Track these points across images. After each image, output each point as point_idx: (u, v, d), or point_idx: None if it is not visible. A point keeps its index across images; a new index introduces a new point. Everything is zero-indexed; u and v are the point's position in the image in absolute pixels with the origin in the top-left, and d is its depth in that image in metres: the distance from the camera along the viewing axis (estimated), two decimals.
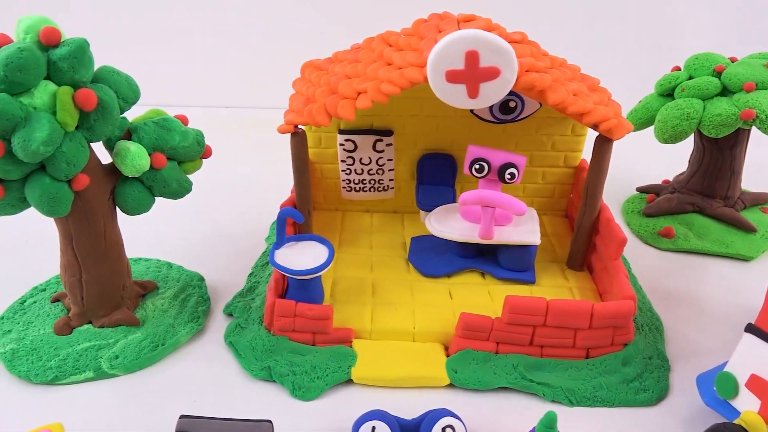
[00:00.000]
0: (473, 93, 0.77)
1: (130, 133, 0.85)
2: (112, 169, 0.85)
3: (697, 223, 1.14)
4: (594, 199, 0.93)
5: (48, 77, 0.74)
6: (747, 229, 1.12)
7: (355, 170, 1.07)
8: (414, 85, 0.80)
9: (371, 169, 1.07)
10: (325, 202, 1.13)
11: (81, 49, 0.74)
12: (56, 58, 0.73)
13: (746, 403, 0.71)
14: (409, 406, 0.79)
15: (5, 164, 0.73)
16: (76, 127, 0.76)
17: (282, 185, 1.31)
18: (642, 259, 1.10)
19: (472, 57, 0.74)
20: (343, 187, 1.10)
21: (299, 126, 0.89)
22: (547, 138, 1.04)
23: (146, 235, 1.11)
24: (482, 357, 0.84)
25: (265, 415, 0.74)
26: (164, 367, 0.87)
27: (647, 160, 1.45)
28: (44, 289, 0.98)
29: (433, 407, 0.75)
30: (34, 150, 0.71)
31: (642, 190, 1.28)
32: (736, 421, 0.70)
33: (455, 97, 0.77)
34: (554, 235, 1.07)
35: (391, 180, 1.09)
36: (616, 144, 0.88)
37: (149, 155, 0.83)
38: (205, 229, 1.18)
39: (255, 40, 1.75)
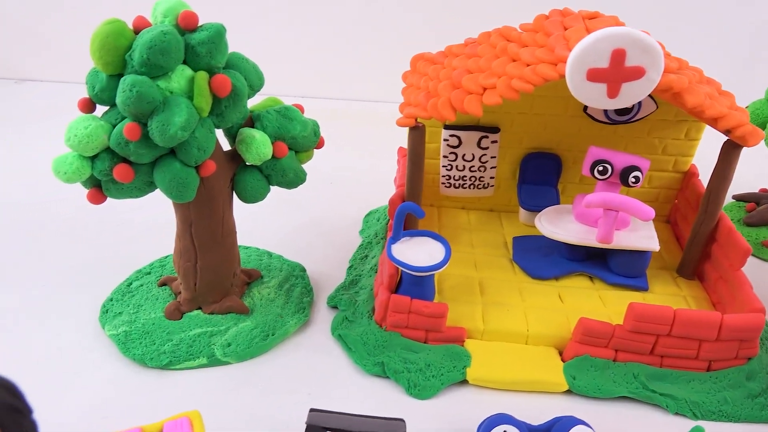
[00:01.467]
0: (613, 93, 0.75)
1: (252, 120, 0.84)
2: (233, 157, 0.84)
3: None
4: (715, 206, 0.90)
5: (184, 62, 0.74)
6: None
7: (457, 166, 1.06)
8: (546, 83, 0.78)
9: (473, 166, 1.05)
10: (421, 197, 1.12)
11: (219, 35, 0.73)
12: (194, 43, 0.72)
13: None
14: (528, 410, 0.78)
15: (139, 148, 0.73)
16: (208, 114, 0.76)
17: (371, 179, 1.31)
18: (745, 271, 1.06)
19: (618, 55, 0.72)
20: (442, 183, 1.08)
21: (419, 120, 0.87)
22: (659, 141, 1.01)
23: (242, 223, 1.11)
24: (601, 364, 0.82)
25: (380, 412, 0.73)
26: (274, 356, 0.86)
27: (742, 168, 1.41)
28: (149, 273, 0.98)
29: (553, 413, 0.74)
30: (172, 134, 0.70)
31: (740, 198, 1.25)
32: None
33: (593, 96, 0.75)
34: (660, 242, 1.04)
35: (492, 178, 1.07)
36: (709, 151, 0.85)
37: (271, 144, 0.83)
38: (299, 220, 1.18)
39: (350, 34, 1.73)
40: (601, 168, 0.86)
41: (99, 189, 0.79)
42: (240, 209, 0.91)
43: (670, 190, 1.07)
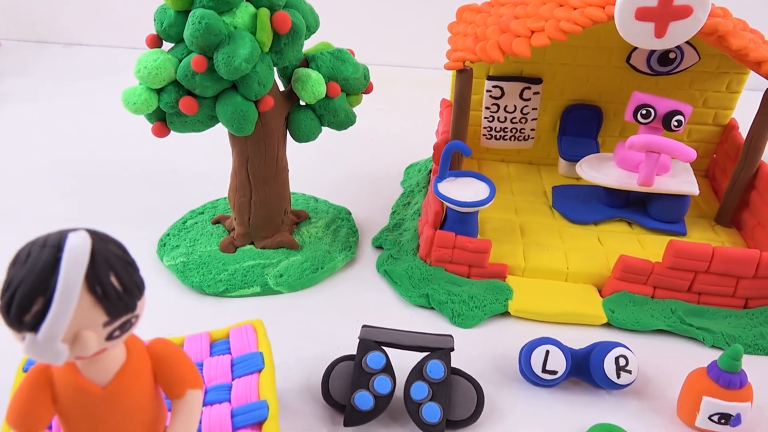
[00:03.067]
0: (661, 32, 0.77)
1: (307, 62, 0.88)
2: (288, 96, 0.88)
3: None
4: (756, 152, 0.91)
5: None
6: None
7: (498, 118, 1.09)
8: (595, 24, 0.81)
9: (514, 118, 1.08)
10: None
11: None
12: None
13: None
14: (568, 341, 0.80)
15: (204, 80, 0.77)
16: (267, 50, 0.80)
17: (411, 137, 1.35)
18: None
19: None
20: (483, 135, 1.11)
21: (466, 64, 0.90)
22: (700, 93, 1.03)
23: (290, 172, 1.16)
24: (639, 300, 0.85)
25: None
26: (323, 289, 0.91)
27: None
28: (202, 212, 1.03)
29: (592, 342, 0.77)
30: (237, 66, 0.74)
31: None
32: None
33: (641, 35, 0.77)
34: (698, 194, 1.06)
35: (532, 130, 1.10)
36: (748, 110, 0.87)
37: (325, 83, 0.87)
38: (343, 172, 1.22)
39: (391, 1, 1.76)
40: (644, 112, 0.89)
41: (163, 122, 0.83)
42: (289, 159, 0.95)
43: (710, 144, 1.08)
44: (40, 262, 0.38)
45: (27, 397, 0.43)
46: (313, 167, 1.21)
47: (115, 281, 0.39)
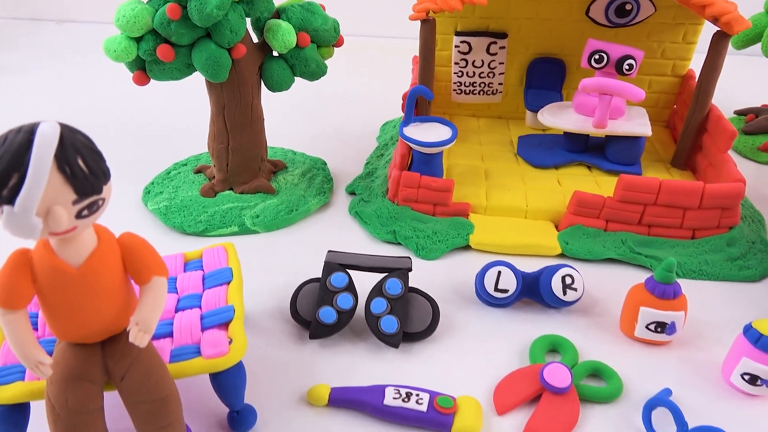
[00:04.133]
0: None
1: (278, 14, 0.93)
2: (261, 47, 0.93)
3: None
4: (706, 95, 0.97)
5: None
6: None
7: (467, 73, 1.14)
8: None
9: (482, 72, 1.13)
10: (434, 105, 1.20)
11: None
12: None
13: None
14: (525, 269, 0.86)
15: (179, 28, 0.83)
16: (238, 1, 0.85)
17: (387, 98, 1.40)
18: (741, 171, 1.13)
19: None
20: (454, 90, 1.16)
21: (430, 14, 0.96)
22: (658, 45, 1.08)
23: (270, 128, 1.22)
24: (592, 232, 0.90)
25: None
26: (297, 229, 0.96)
27: (745, 88, 1.46)
28: (185, 164, 1.09)
29: None
30: (208, 12, 0.80)
31: (740, 112, 1.30)
32: None
33: None
34: (657, 141, 1.11)
35: (500, 84, 1.15)
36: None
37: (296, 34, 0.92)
38: (321, 128, 1.28)
39: None
40: (597, 57, 0.94)
41: (143, 71, 0.89)
42: (267, 115, 1.01)
43: (669, 94, 1.13)
44: (15, 143, 0.43)
45: (10, 276, 0.49)
46: (294, 125, 1.27)
47: (82, 164, 0.45)
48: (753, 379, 0.67)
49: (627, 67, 0.93)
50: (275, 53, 0.95)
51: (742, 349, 0.67)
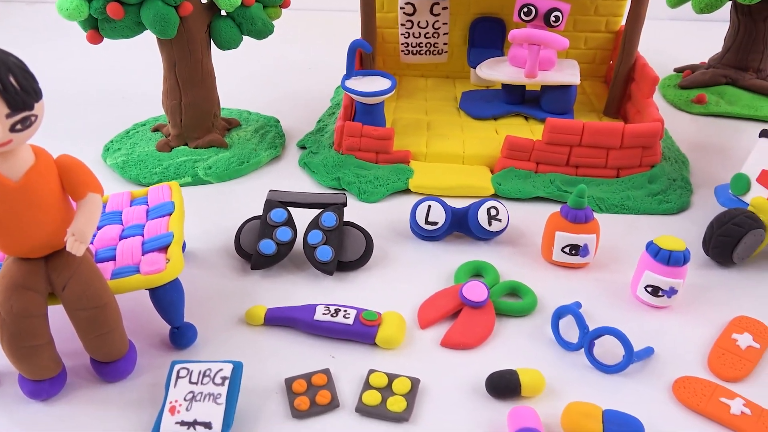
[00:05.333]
0: None
1: None
2: (209, 7, 0.98)
3: (729, 93, 1.23)
4: (631, 45, 1.03)
5: None
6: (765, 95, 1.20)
7: (413, 33, 1.19)
8: None
9: (428, 33, 1.19)
10: (384, 67, 1.25)
11: None
12: None
13: (759, 194, 0.81)
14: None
15: None
16: None
17: (341, 66, 1.45)
18: (675, 123, 1.19)
19: None
20: (402, 51, 1.21)
21: None
22: (591, 2, 1.14)
23: (229, 90, 1.27)
24: (523, 174, 0.96)
25: None
26: (248, 180, 1.02)
27: (685, 46, 1.53)
28: (144, 124, 1.14)
29: None
30: None
31: (679, 69, 1.36)
32: (749, 208, 0.81)
33: None
34: (593, 95, 1.17)
35: (445, 44, 1.20)
36: (656, 29, 0.97)
37: None
38: (280, 92, 1.33)
39: None
40: (526, 10, 0.99)
41: (96, 30, 0.93)
42: (225, 79, 1.05)
43: (605, 50, 1.19)
44: None
45: None
46: (255, 88, 1.34)
47: (13, 81, 0.50)
48: (655, 291, 0.73)
49: (554, 19, 0.99)
50: (223, 12, 1.00)
51: (645, 264, 0.73)
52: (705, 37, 1.52)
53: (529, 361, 0.68)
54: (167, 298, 0.66)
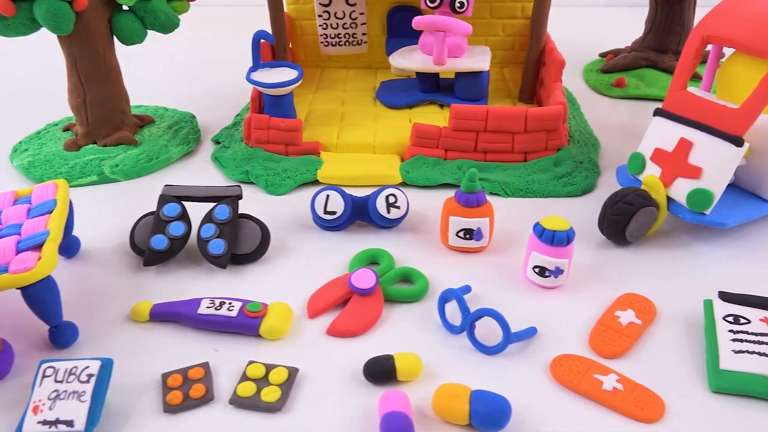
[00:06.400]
0: None
1: None
2: (109, 1, 0.97)
3: (648, 75, 1.24)
4: (539, 30, 1.03)
5: None
6: (695, 78, 1.20)
7: (331, 25, 1.18)
8: None
9: (345, 23, 1.18)
10: (306, 60, 1.24)
11: None
12: None
13: (652, 173, 0.82)
14: None
15: None
16: None
17: None
18: (594, 107, 1.20)
19: None
20: (321, 42, 1.21)
21: None
22: None
23: (145, 89, 1.26)
24: (432, 161, 0.96)
25: (245, 208, 0.86)
26: (158, 176, 1.00)
27: (615, 30, 1.53)
28: (56, 124, 1.12)
29: None
30: None
31: (603, 54, 1.37)
32: (642, 187, 0.81)
33: None
34: (512, 81, 1.17)
35: (363, 34, 1.20)
36: (586, 14, 0.98)
37: None
38: (198, 88, 1.32)
39: None
40: None
41: None
42: (144, 78, 1.04)
43: (523, 36, 1.19)
44: None
45: None
46: (175, 86, 1.32)
47: None
48: (542, 271, 0.73)
49: (459, 5, 0.99)
50: (125, 7, 0.98)
51: (532, 245, 0.73)
52: (635, 21, 1.53)
53: (413, 345, 0.68)
54: (39, 297, 0.65)
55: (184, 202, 0.81)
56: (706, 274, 0.77)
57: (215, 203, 0.80)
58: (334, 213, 0.83)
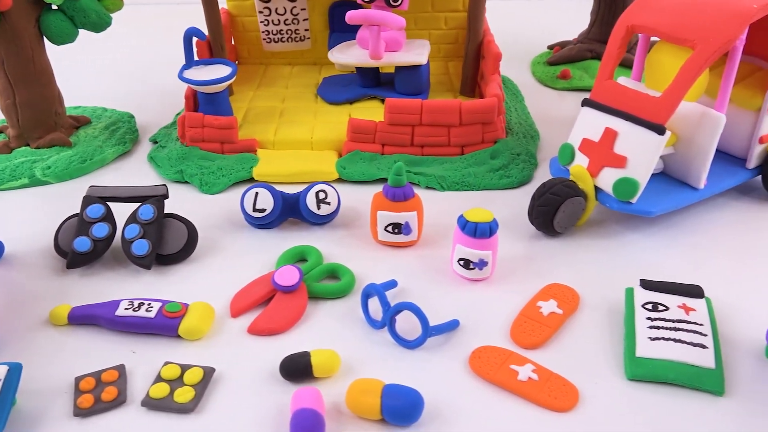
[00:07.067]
0: None
1: None
2: (36, 0, 0.95)
3: (593, 67, 1.24)
4: (476, 23, 1.02)
5: None
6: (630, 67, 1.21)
7: (273, 21, 1.17)
8: None
9: (287, 19, 1.17)
10: (249, 57, 1.23)
11: None
12: None
13: (580, 163, 0.82)
14: None
15: None
16: None
17: None
18: (539, 99, 1.20)
19: None
20: (264, 39, 1.19)
21: None
22: None
23: (84, 89, 1.24)
24: (369, 156, 0.95)
25: (178, 211, 0.84)
26: (92, 178, 0.98)
27: (565, 22, 1.54)
28: None
29: None
30: None
31: (551, 46, 1.38)
32: (570, 177, 0.81)
33: None
34: (455, 75, 1.17)
35: (306, 30, 1.19)
36: (533, 7, 0.97)
37: None
38: (140, 87, 1.30)
39: None
40: None
41: None
42: (85, 79, 1.02)
43: (466, 30, 1.19)
44: None
45: None
46: (111, 84, 1.30)
47: None
48: (466, 264, 0.73)
49: (393, 0, 0.98)
50: (54, 6, 0.96)
51: (457, 238, 0.73)
52: (585, 13, 1.54)
53: (336, 341, 0.67)
54: None
55: (109, 203, 0.80)
56: (634, 262, 0.78)
57: (140, 203, 0.79)
58: (263, 210, 0.82)
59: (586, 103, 0.83)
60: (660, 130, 0.75)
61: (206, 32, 1.06)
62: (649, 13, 0.80)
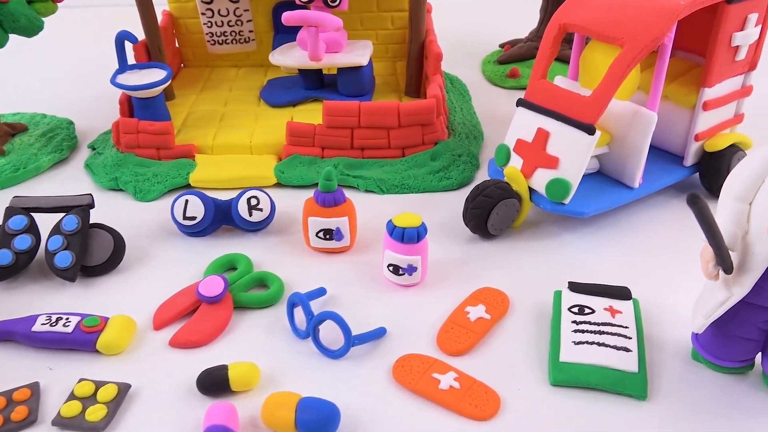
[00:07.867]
0: None
1: None
2: None
3: None
4: (418, 23, 1.01)
5: None
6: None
7: (216, 22, 1.15)
8: None
9: (231, 21, 1.15)
10: (194, 59, 1.21)
11: None
12: None
13: (514, 164, 0.81)
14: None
15: None
16: None
17: None
18: (488, 97, 1.19)
19: None
20: (208, 41, 1.17)
21: None
22: None
23: (23, 95, 1.21)
24: (308, 160, 0.94)
25: (113, 219, 0.81)
26: (26, 187, 0.96)
27: (516, 22, 1.53)
28: None
29: None
30: None
31: (502, 45, 1.37)
32: (505, 179, 0.80)
33: None
34: (401, 76, 1.16)
35: (251, 31, 1.17)
36: (486, 5, 0.96)
37: None
38: (81, 93, 1.26)
39: None
40: None
41: None
42: (23, 87, 0.99)
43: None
44: None
45: None
46: (51, 91, 1.27)
47: None
48: (396, 269, 0.71)
49: (332, 0, 0.97)
50: None
51: (386, 243, 0.72)
52: (537, 11, 1.53)
53: (259, 353, 0.65)
54: None
55: (34, 214, 0.78)
56: (567, 264, 0.77)
57: (64, 213, 0.77)
58: (194, 218, 0.80)
59: (520, 103, 0.83)
60: (590, 129, 0.74)
61: (143, 35, 1.04)
62: (581, 11, 0.79)
